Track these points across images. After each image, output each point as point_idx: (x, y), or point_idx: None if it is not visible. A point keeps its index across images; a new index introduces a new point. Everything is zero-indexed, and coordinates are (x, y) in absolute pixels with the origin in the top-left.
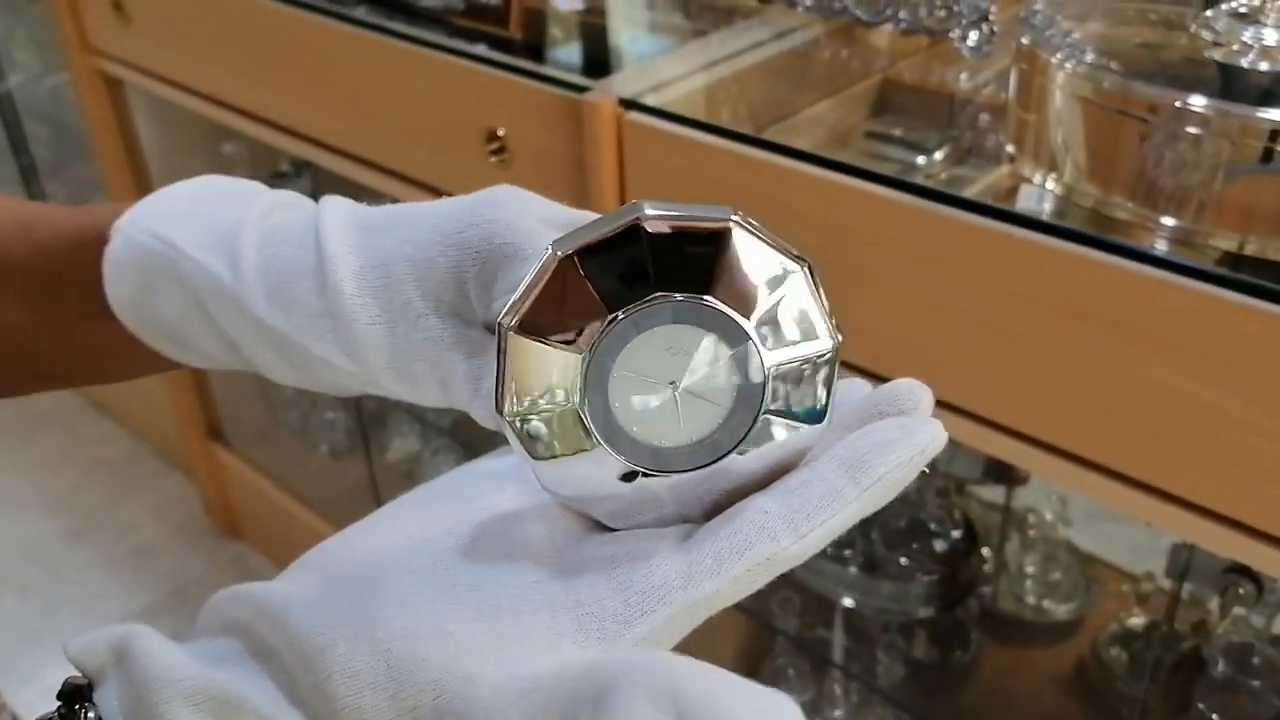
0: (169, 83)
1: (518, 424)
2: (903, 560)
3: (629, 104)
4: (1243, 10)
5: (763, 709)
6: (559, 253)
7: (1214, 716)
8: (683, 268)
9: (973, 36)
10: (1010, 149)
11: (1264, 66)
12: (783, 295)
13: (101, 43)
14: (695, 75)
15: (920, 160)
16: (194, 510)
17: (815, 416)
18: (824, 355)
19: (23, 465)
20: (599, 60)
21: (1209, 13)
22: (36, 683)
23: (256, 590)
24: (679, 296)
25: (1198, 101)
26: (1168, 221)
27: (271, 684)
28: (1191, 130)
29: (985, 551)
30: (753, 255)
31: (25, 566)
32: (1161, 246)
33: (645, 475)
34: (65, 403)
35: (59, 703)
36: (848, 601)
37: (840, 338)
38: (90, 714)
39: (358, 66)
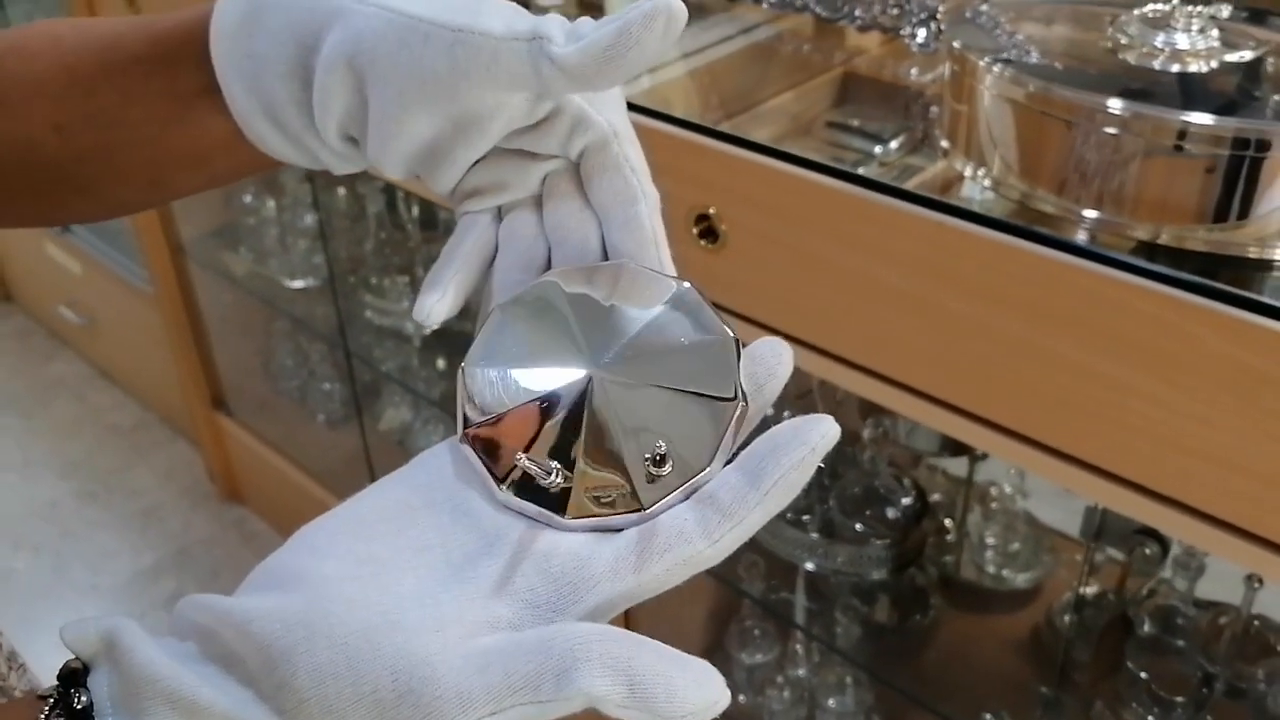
0: None
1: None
2: (858, 526)
3: None
4: (1154, 15)
5: (697, 678)
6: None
7: (1142, 674)
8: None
9: (921, 34)
10: (944, 144)
11: (1175, 69)
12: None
13: None
14: (663, 69)
15: (877, 150)
16: (199, 475)
17: None
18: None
19: (39, 430)
20: None
21: (1123, 17)
22: (49, 634)
23: (220, 601)
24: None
25: (1114, 104)
26: (1089, 214)
27: (236, 685)
28: (1109, 130)
29: (947, 522)
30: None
31: (41, 525)
32: (1083, 237)
33: None
34: (77, 372)
35: (58, 683)
36: (809, 566)
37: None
38: (84, 698)
39: None
